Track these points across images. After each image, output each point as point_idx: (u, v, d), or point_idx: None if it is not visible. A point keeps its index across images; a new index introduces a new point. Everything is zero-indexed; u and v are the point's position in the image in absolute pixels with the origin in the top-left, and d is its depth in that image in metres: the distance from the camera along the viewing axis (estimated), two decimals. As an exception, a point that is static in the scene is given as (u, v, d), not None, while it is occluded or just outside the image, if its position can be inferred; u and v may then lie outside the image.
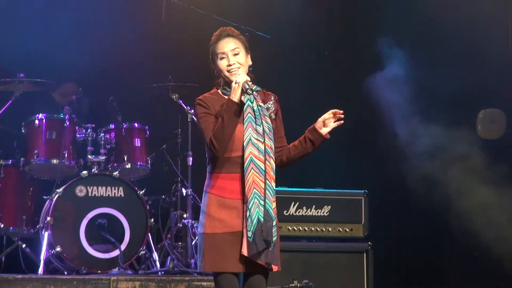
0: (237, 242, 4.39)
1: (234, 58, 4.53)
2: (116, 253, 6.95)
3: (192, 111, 7.43)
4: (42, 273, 6.78)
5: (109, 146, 7.36)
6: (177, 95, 7.50)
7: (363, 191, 7.00)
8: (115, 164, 7.38)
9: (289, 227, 6.75)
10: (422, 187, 8.31)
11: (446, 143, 8.30)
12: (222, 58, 4.55)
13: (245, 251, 4.36)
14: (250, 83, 4.44)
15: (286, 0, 8.31)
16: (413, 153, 8.25)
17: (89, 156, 7.27)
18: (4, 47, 7.91)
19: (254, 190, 4.40)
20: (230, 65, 4.52)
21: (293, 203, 6.81)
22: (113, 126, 7.45)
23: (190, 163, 7.40)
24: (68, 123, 7.27)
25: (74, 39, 8.12)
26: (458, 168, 8.18)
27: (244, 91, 4.42)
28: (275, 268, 4.46)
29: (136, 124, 7.53)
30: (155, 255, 7.16)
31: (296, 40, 8.38)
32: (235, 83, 4.43)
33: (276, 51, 8.13)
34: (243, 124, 4.45)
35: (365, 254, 6.86)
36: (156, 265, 7.13)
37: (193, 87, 7.48)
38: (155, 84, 7.57)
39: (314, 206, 6.86)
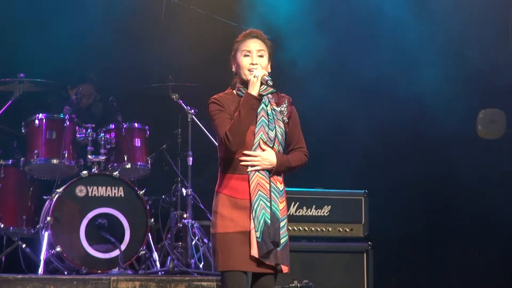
0: (247, 241, 4.43)
1: (257, 59, 4.55)
2: (116, 253, 6.95)
3: (192, 111, 7.43)
4: (42, 273, 6.77)
5: (109, 146, 7.35)
6: (177, 95, 7.49)
7: (363, 191, 7.00)
8: (115, 164, 7.37)
9: (289, 227, 6.69)
10: (422, 187, 8.33)
11: (446, 142, 8.32)
12: (246, 56, 4.56)
13: (254, 252, 4.39)
14: (269, 76, 4.46)
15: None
16: (413, 153, 8.27)
17: (89, 156, 7.26)
18: (5, 47, 7.92)
19: (259, 192, 4.44)
20: (252, 64, 4.53)
21: (293, 203, 6.81)
22: (113, 126, 7.44)
23: (190, 163, 7.39)
24: (68, 123, 7.26)
25: (74, 40, 8.13)
26: (459, 168, 8.19)
27: (263, 84, 4.45)
28: (285, 269, 4.48)
29: (136, 124, 7.52)
30: (155, 255, 7.16)
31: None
32: (254, 76, 4.46)
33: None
34: (256, 127, 4.48)
35: (365, 254, 6.86)
36: (156, 265, 7.12)
37: (193, 87, 7.48)
38: (155, 84, 7.57)
39: (314, 206, 6.86)
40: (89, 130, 7.29)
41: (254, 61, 4.54)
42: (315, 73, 8.14)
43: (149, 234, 7.12)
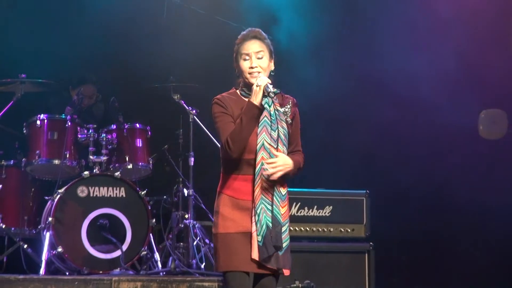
0: (248, 242, 4.43)
1: (257, 61, 4.52)
2: (117, 253, 6.94)
3: (194, 111, 7.43)
4: (43, 273, 6.77)
5: (110, 146, 7.35)
6: (178, 96, 7.49)
7: (364, 191, 6.99)
8: (117, 165, 7.38)
9: (291, 228, 6.67)
10: (424, 187, 8.32)
11: (447, 142, 8.32)
12: (245, 59, 4.54)
13: (255, 255, 4.39)
14: (271, 86, 4.44)
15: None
16: (415, 153, 8.27)
17: (91, 157, 7.26)
18: (7, 48, 7.92)
19: (262, 195, 4.43)
20: (252, 68, 4.51)
21: (294, 203, 6.80)
22: (115, 127, 7.44)
23: (192, 164, 7.39)
24: (69, 124, 7.26)
25: (75, 40, 8.13)
26: (459, 168, 8.19)
27: (265, 94, 4.42)
28: (286, 272, 4.49)
29: (137, 125, 7.52)
30: (157, 256, 7.16)
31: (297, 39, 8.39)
32: (256, 86, 4.43)
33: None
34: (258, 128, 4.46)
35: (366, 255, 6.85)
36: (157, 266, 7.13)
37: (194, 87, 7.48)
38: (156, 84, 7.57)
39: (315, 207, 6.86)
40: (90, 131, 7.29)
41: (253, 64, 4.52)
42: (314, 71, 8.15)
43: (151, 234, 7.12)
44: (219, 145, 4.58)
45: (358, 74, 8.37)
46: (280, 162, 4.45)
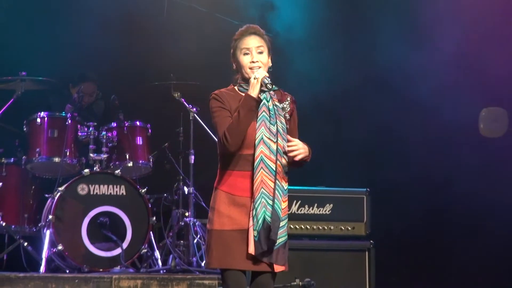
0: (244, 239, 4.40)
1: (257, 56, 4.52)
2: (118, 251, 6.94)
3: (194, 109, 7.43)
4: (43, 271, 6.77)
5: (111, 144, 7.35)
6: (179, 94, 7.49)
7: (365, 189, 6.99)
8: (117, 163, 7.37)
9: (291, 226, 6.74)
10: (424, 186, 8.32)
11: (447, 141, 8.32)
12: (246, 54, 4.53)
13: (251, 250, 4.37)
14: (269, 79, 4.44)
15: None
16: (415, 152, 8.27)
17: (91, 155, 7.26)
18: (7, 45, 7.92)
19: (262, 189, 4.41)
20: (253, 62, 4.51)
21: (295, 201, 6.80)
22: (115, 125, 7.44)
23: (192, 162, 7.39)
24: (69, 122, 7.27)
25: (76, 38, 8.13)
26: (459, 167, 8.18)
27: (263, 86, 4.43)
28: (281, 268, 4.46)
29: (138, 123, 7.52)
30: (157, 254, 7.16)
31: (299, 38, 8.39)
32: (254, 78, 4.43)
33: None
34: (256, 122, 4.45)
35: (367, 253, 6.85)
36: (158, 264, 7.13)
37: (195, 85, 7.48)
38: (157, 82, 7.57)
39: (316, 205, 6.86)
40: (91, 129, 7.29)
41: (254, 58, 4.51)
42: (314, 69, 8.15)
43: (151, 232, 7.13)
44: (217, 140, 4.56)
45: (358, 72, 8.36)
46: (300, 145, 4.47)
